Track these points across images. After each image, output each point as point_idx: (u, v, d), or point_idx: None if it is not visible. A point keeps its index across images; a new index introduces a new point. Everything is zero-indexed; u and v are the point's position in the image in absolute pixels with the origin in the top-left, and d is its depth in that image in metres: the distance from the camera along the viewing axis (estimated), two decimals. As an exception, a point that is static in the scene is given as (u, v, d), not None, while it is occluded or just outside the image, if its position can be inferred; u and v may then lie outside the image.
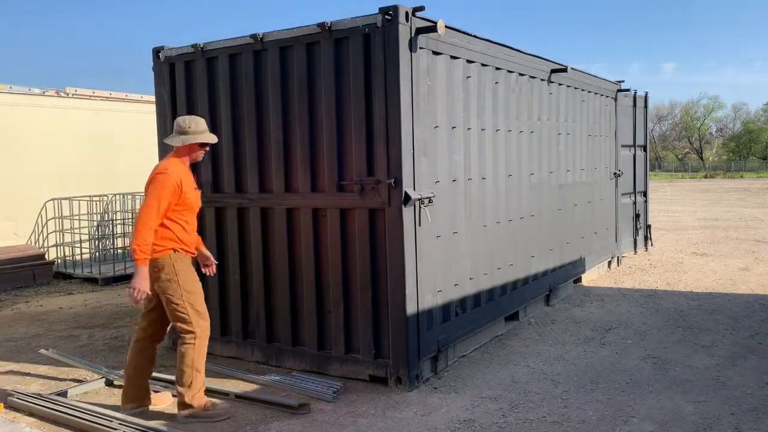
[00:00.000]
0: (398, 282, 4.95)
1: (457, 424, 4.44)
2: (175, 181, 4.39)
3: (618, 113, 10.40)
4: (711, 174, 58.49)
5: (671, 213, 19.86)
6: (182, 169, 4.52)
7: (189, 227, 4.56)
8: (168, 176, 4.37)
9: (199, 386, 4.53)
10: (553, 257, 7.82)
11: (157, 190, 4.34)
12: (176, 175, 4.41)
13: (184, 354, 4.46)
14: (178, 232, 4.47)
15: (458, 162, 5.70)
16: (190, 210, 4.55)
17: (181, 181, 4.42)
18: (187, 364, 4.46)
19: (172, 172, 4.41)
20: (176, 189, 4.39)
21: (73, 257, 11.32)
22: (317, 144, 5.32)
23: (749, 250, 11.82)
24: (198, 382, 4.52)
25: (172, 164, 4.49)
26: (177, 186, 4.39)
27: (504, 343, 6.34)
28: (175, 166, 4.47)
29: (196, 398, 4.52)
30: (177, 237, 4.47)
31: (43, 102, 11.45)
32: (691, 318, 7.12)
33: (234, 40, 5.66)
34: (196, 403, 4.51)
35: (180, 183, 4.41)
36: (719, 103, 74.76)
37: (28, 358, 6.24)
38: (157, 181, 4.38)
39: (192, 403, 4.50)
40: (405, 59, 4.85)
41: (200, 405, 4.53)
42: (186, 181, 4.49)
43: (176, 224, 4.47)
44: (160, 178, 4.38)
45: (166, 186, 4.35)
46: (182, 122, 4.58)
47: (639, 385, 5.13)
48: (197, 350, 4.47)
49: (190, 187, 4.53)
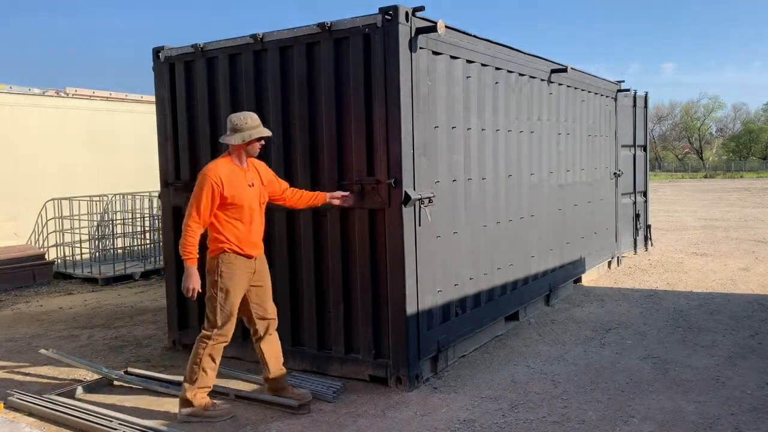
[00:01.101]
0: (398, 282, 4.95)
1: (457, 424, 4.44)
2: (214, 181, 4.37)
3: (618, 113, 10.40)
4: (711, 174, 58.48)
5: (671, 213, 19.86)
6: (227, 167, 4.48)
7: (243, 226, 4.51)
8: (206, 178, 4.38)
9: (202, 385, 4.55)
10: (553, 257, 7.82)
11: (196, 192, 4.40)
12: (216, 175, 4.39)
13: (197, 352, 4.54)
14: (228, 232, 4.47)
15: (458, 162, 5.70)
16: (239, 208, 4.48)
17: (221, 180, 4.38)
18: (196, 362, 4.53)
19: (212, 173, 4.40)
20: (216, 189, 4.37)
21: (73, 257, 11.32)
22: (317, 144, 5.32)
23: (749, 250, 11.82)
24: (202, 381, 4.54)
25: (215, 164, 4.49)
26: (217, 186, 4.37)
27: (504, 343, 6.34)
28: (217, 167, 4.45)
29: (198, 397, 4.54)
30: (226, 237, 4.47)
31: (43, 102, 11.44)
32: (691, 318, 7.12)
33: (234, 40, 5.66)
34: (196, 402, 4.54)
35: (220, 183, 4.38)
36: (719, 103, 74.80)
37: (28, 358, 6.24)
38: (197, 182, 4.43)
39: (192, 401, 4.53)
40: (405, 59, 4.85)
41: (200, 404, 4.55)
42: (231, 179, 4.44)
43: (227, 223, 4.47)
44: (199, 179, 4.43)
45: (203, 187, 4.37)
46: (236, 119, 4.52)
47: (639, 385, 5.13)
48: (209, 350, 4.52)
49: (238, 185, 4.47)
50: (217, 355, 4.59)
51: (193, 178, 5.99)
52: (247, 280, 4.58)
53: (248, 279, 4.59)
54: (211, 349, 4.53)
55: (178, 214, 6.15)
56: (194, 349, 4.57)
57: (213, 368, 4.58)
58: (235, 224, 4.49)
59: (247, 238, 4.54)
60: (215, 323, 4.51)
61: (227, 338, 4.58)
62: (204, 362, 4.52)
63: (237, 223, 4.49)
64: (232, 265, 4.48)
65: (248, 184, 4.56)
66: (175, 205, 6.15)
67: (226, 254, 4.48)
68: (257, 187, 4.64)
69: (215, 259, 4.48)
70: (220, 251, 4.48)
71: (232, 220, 4.48)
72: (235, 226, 4.48)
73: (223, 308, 4.49)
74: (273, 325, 4.80)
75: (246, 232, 4.53)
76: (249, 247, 4.56)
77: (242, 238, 4.51)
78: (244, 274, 4.54)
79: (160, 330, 7.05)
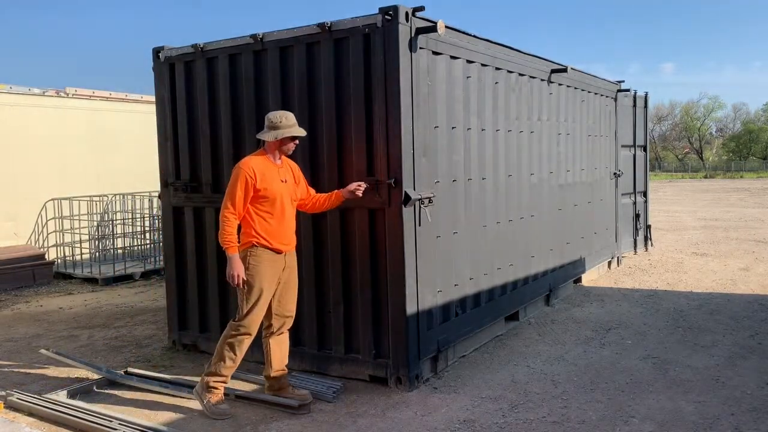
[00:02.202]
0: (398, 282, 4.95)
1: (457, 424, 4.44)
2: (248, 174, 4.48)
3: (618, 113, 10.40)
4: (711, 174, 58.47)
5: (671, 213, 19.86)
6: (261, 162, 4.58)
7: (274, 220, 4.59)
8: (240, 170, 4.50)
9: (216, 371, 4.65)
10: (553, 257, 7.82)
11: (230, 184, 4.52)
12: (249, 168, 4.50)
13: (222, 340, 4.67)
14: (258, 226, 4.55)
15: (458, 162, 5.70)
16: (271, 202, 4.56)
17: (254, 173, 4.49)
18: (218, 351, 4.66)
19: (245, 166, 4.51)
20: (249, 181, 4.48)
21: (73, 257, 11.32)
22: (317, 144, 5.31)
23: (749, 250, 11.82)
24: (217, 368, 4.64)
25: (250, 158, 4.61)
26: (250, 178, 4.48)
27: (504, 343, 6.34)
28: (250, 160, 4.58)
29: (210, 384, 4.66)
30: (255, 231, 4.55)
31: (43, 102, 11.44)
32: (691, 318, 7.12)
33: (234, 40, 5.66)
34: (211, 383, 4.66)
35: (254, 175, 4.48)
36: (719, 103, 74.80)
37: (28, 358, 6.24)
38: (232, 175, 4.55)
39: (206, 379, 4.67)
40: (405, 59, 4.85)
41: (210, 388, 4.66)
42: (264, 173, 4.54)
43: (258, 217, 4.55)
44: (234, 172, 4.55)
45: (237, 179, 4.49)
46: (273, 117, 4.63)
47: (639, 385, 5.13)
48: (230, 339, 4.62)
49: (270, 179, 4.56)
50: (239, 348, 4.64)
51: (193, 178, 6.04)
52: (275, 274, 4.63)
53: (277, 274, 4.64)
54: (234, 340, 4.61)
55: (178, 214, 6.17)
56: (223, 336, 4.68)
57: (232, 359, 4.65)
58: (267, 218, 4.57)
59: (278, 232, 4.61)
60: (241, 314, 4.60)
61: (250, 332, 4.62)
62: (225, 351, 4.63)
63: (268, 216, 4.57)
64: (259, 258, 4.55)
65: (281, 179, 4.64)
66: (175, 206, 6.15)
67: (254, 248, 4.55)
68: (290, 183, 4.72)
69: (244, 252, 4.56)
70: (249, 245, 4.57)
71: (264, 214, 4.56)
72: (266, 220, 4.56)
73: (248, 300, 4.56)
74: (288, 324, 4.84)
75: (277, 227, 4.60)
76: (278, 242, 4.62)
77: (272, 232, 4.59)
78: (272, 269, 4.60)
79: (160, 330, 7.05)
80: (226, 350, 4.62)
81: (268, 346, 4.78)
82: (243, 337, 4.61)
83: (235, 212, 4.49)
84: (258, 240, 4.55)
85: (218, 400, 4.66)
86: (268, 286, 4.60)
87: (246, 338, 4.63)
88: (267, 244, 4.57)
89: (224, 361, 4.62)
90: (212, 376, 4.66)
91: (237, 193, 4.47)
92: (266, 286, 4.58)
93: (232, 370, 4.70)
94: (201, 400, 4.68)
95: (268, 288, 4.60)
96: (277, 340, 4.79)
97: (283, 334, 4.82)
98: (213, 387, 4.66)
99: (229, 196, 4.49)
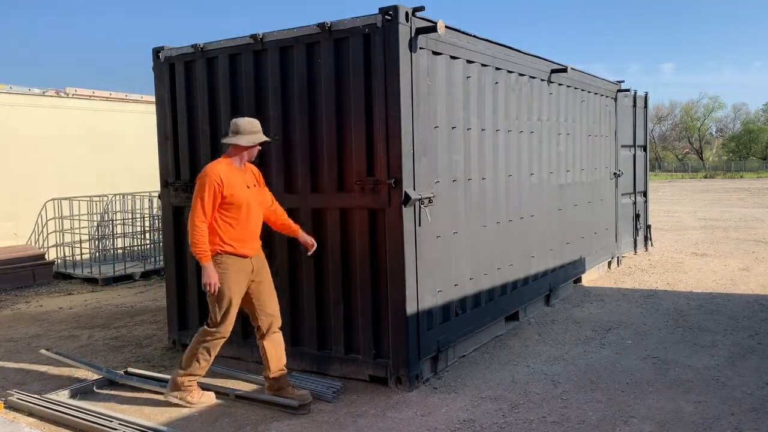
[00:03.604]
0: (398, 282, 4.95)
1: (457, 424, 4.44)
2: (216, 181, 4.50)
3: (618, 113, 10.40)
4: (711, 174, 58.47)
5: (671, 213, 19.86)
6: (226, 168, 4.60)
7: (239, 225, 4.62)
8: (207, 177, 4.52)
9: (192, 372, 4.78)
10: (553, 257, 7.82)
11: (198, 192, 4.52)
12: (216, 175, 4.52)
13: (196, 342, 4.76)
14: (223, 233, 4.58)
15: (458, 162, 5.70)
16: (237, 208, 4.58)
17: (221, 180, 4.51)
18: (193, 352, 4.75)
19: (212, 173, 4.53)
20: (217, 188, 4.50)
21: (73, 257, 11.32)
22: (317, 144, 5.32)
23: (749, 251, 11.82)
24: (194, 369, 4.77)
25: (215, 165, 4.62)
26: (218, 185, 4.50)
27: (504, 343, 6.34)
28: (216, 167, 4.59)
29: (186, 383, 4.80)
30: (221, 239, 4.58)
31: (43, 102, 11.44)
32: (691, 318, 7.12)
33: (234, 40, 5.66)
34: (183, 386, 4.80)
35: (221, 182, 4.51)
36: (719, 103, 74.84)
37: (28, 358, 6.24)
38: (198, 183, 4.55)
39: (180, 386, 4.81)
40: (405, 59, 4.85)
41: (187, 389, 4.81)
42: (230, 179, 4.56)
43: (224, 224, 4.58)
44: (200, 179, 4.55)
45: (205, 187, 4.50)
46: (241, 123, 4.67)
47: (639, 385, 5.13)
48: (207, 345, 4.73)
49: (236, 185, 4.59)
50: (214, 350, 4.78)
51: (193, 178, 6.00)
52: (244, 279, 4.67)
53: (246, 278, 4.68)
54: (209, 344, 4.73)
55: (178, 214, 6.16)
56: (194, 340, 4.79)
57: (207, 360, 4.79)
58: (232, 224, 4.60)
59: (243, 237, 4.64)
60: (215, 321, 4.67)
61: (224, 336, 4.73)
62: (200, 353, 4.73)
63: (234, 222, 4.60)
64: (226, 266, 4.58)
65: (246, 185, 4.68)
66: (176, 205, 6.15)
67: (220, 256, 4.59)
68: (255, 188, 4.78)
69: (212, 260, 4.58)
70: (214, 253, 4.58)
71: (230, 220, 4.59)
72: (232, 226, 4.60)
73: (220, 307, 4.62)
74: (276, 323, 4.85)
75: (242, 232, 4.63)
76: (244, 247, 4.65)
77: (238, 238, 4.62)
78: (240, 275, 4.64)
79: (160, 330, 7.05)
80: (201, 353, 4.72)
81: (264, 348, 4.80)
82: (218, 341, 4.73)
83: (205, 220, 4.51)
84: (223, 248, 4.57)
85: (199, 395, 4.84)
86: (238, 291, 4.65)
87: (221, 341, 4.75)
88: (233, 251, 4.60)
89: (200, 363, 4.75)
90: (188, 376, 4.78)
91: (206, 200, 4.48)
92: (236, 293, 4.63)
93: (206, 369, 4.85)
94: (179, 399, 4.81)
95: (237, 294, 4.64)
96: (271, 341, 4.81)
97: (276, 334, 4.83)
98: (189, 386, 4.82)
99: (199, 204, 4.48)
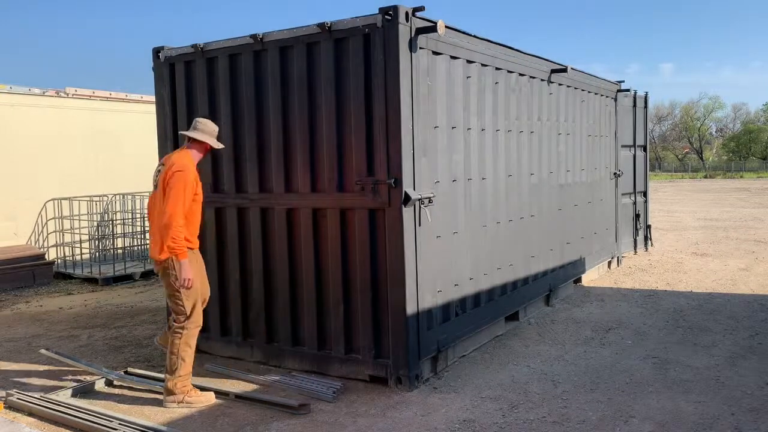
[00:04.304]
0: (398, 282, 4.95)
1: (457, 424, 4.44)
2: (194, 176, 4.74)
3: (618, 113, 10.40)
4: (711, 174, 58.48)
5: (671, 213, 19.86)
6: (194, 162, 4.86)
7: (195, 219, 4.86)
8: (187, 171, 4.68)
9: (183, 373, 4.80)
10: (553, 257, 7.82)
11: (177, 189, 4.60)
12: (192, 173, 4.74)
13: (173, 344, 4.81)
14: (186, 228, 4.71)
15: (458, 162, 5.70)
16: (198, 202, 4.84)
17: (196, 177, 4.76)
18: (173, 352, 4.80)
19: (190, 172, 4.70)
20: (194, 185, 4.71)
21: (73, 257, 11.33)
22: (317, 144, 5.31)
23: (749, 250, 11.82)
24: (182, 369, 4.80)
25: (189, 162, 4.79)
26: (195, 182, 4.73)
27: (504, 343, 6.34)
28: (191, 164, 4.78)
29: (179, 385, 4.81)
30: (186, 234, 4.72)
31: (43, 102, 11.44)
32: (691, 318, 7.12)
33: (234, 40, 5.66)
34: (178, 389, 4.80)
35: (196, 178, 4.77)
36: (719, 103, 74.87)
37: (28, 358, 6.24)
38: (179, 178, 4.63)
39: (174, 389, 4.80)
40: (405, 59, 4.85)
41: (183, 391, 4.81)
42: (196, 175, 4.82)
43: (186, 219, 4.71)
44: (177, 176, 4.63)
45: (187, 182, 4.64)
46: (208, 122, 4.96)
47: (639, 385, 5.13)
48: (185, 339, 4.80)
49: (198, 181, 4.85)
50: (194, 342, 4.87)
51: (193, 178, 6.02)
52: (201, 269, 4.97)
53: (201, 267, 4.99)
54: (187, 338, 4.81)
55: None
56: (170, 342, 4.83)
57: (190, 355, 4.85)
58: (193, 219, 4.82)
59: (194, 232, 4.87)
60: (186, 314, 4.79)
61: (199, 324, 4.90)
62: (181, 351, 4.79)
63: (194, 217, 4.81)
64: (190, 260, 4.76)
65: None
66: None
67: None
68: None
69: (170, 258, 4.69)
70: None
71: (191, 216, 4.77)
72: (192, 221, 4.80)
73: (189, 299, 4.79)
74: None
75: (195, 227, 4.88)
76: (195, 241, 4.90)
77: (194, 233, 4.86)
78: (197, 266, 4.91)
79: (160, 330, 7.03)
80: (183, 350, 4.79)
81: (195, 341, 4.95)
82: (195, 330, 4.88)
83: (183, 216, 4.64)
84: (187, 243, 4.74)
85: (197, 393, 4.87)
86: (200, 279, 4.90)
87: (197, 330, 4.89)
88: (190, 245, 4.78)
89: (185, 360, 4.80)
90: (179, 378, 4.80)
91: (187, 195, 4.64)
92: (199, 282, 4.87)
93: (192, 363, 4.88)
94: (177, 403, 4.80)
95: (199, 281, 4.87)
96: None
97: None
98: (183, 387, 4.82)
99: (180, 198, 4.59)
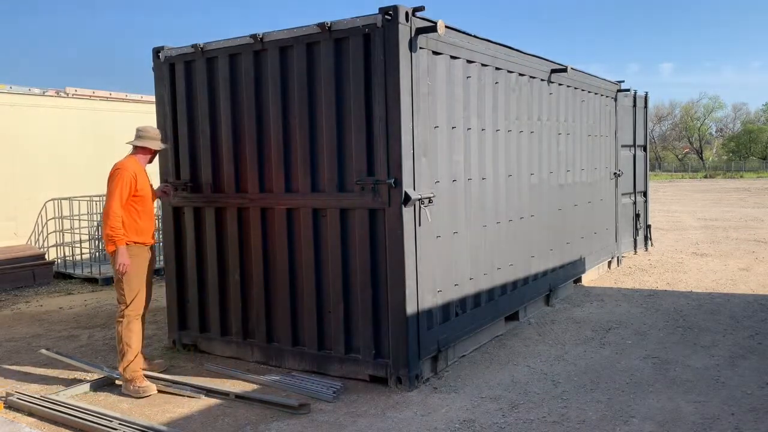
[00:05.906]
0: (398, 282, 4.95)
1: (457, 424, 4.44)
2: (130, 175, 5.18)
3: (618, 113, 10.40)
4: (711, 174, 58.47)
5: (671, 213, 19.86)
6: (136, 165, 5.32)
7: (144, 216, 5.30)
8: (124, 172, 5.17)
9: (129, 359, 5.13)
10: (553, 257, 7.82)
11: (116, 184, 5.13)
12: (131, 171, 5.21)
13: (117, 332, 5.23)
14: (129, 226, 5.18)
15: (458, 162, 5.70)
16: (144, 201, 5.30)
17: (135, 175, 5.21)
18: (119, 340, 5.21)
19: (127, 168, 5.20)
20: (132, 183, 5.17)
21: (73, 257, 11.32)
22: (317, 144, 5.31)
23: (749, 250, 11.82)
24: (129, 355, 5.14)
25: (128, 162, 5.30)
26: (133, 179, 5.18)
27: (504, 343, 6.33)
28: (130, 164, 5.28)
29: (128, 370, 5.12)
30: (128, 230, 5.17)
31: (43, 102, 11.43)
32: (691, 318, 7.12)
33: (234, 40, 5.66)
34: (127, 375, 5.12)
35: (134, 176, 5.20)
36: (719, 103, 74.90)
37: (28, 358, 6.24)
38: (114, 176, 5.17)
39: (124, 374, 5.14)
40: (405, 59, 4.85)
41: (133, 377, 5.11)
42: (139, 175, 5.27)
43: (130, 218, 5.19)
44: (116, 174, 5.18)
45: (123, 180, 5.13)
46: (151, 129, 5.51)
47: (639, 385, 5.13)
48: (125, 326, 5.20)
49: (144, 181, 5.31)
50: (136, 326, 5.25)
51: (194, 179, 6.04)
52: (146, 264, 5.33)
53: (146, 263, 5.34)
54: (128, 325, 5.20)
55: (178, 214, 6.17)
56: (116, 331, 5.23)
57: (136, 340, 5.22)
58: (137, 218, 5.24)
59: (145, 229, 5.32)
60: (127, 303, 5.21)
61: (139, 313, 5.29)
62: (125, 337, 5.17)
63: (140, 214, 5.25)
64: (133, 253, 5.18)
65: (147, 181, 5.40)
66: (175, 205, 6.15)
67: (129, 246, 5.17)
68: (150, 186, 5.48)
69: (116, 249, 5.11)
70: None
71: (135, 214, 5.23)
72: (136, 219, 5.23)
73: (131, 289, 5.21)
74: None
75: (144, 224, 5.30)
76: (147, 237, 5.34)
77: (141, 230, 5.27)
78: (143, 260, 5.30)
79: (160, 330, 7.04)
80: (127, 335, 5.17)
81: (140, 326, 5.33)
82: (136, 317, 5.26)
83: (121, 209, 5.10)
84: (131, 238, 5.19)
85: (143, 382, 5.13)
86: (144, 274, 5.30)
87: (138, 317, 5.28)
88: (139, 241, 5.25)
89: (131, 345, 5.16)
90: (130, 365, 5.11)
91: (123, 190, 5.11)
92: (142, 275, 5.28)
93: (140, 345, 5.27)
94: (132, 391, 5.08)
95: (143, 277, 5.29)
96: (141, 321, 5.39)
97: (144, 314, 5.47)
98: (135, 373, 5.12)
99: (117, 195, 5.08)
